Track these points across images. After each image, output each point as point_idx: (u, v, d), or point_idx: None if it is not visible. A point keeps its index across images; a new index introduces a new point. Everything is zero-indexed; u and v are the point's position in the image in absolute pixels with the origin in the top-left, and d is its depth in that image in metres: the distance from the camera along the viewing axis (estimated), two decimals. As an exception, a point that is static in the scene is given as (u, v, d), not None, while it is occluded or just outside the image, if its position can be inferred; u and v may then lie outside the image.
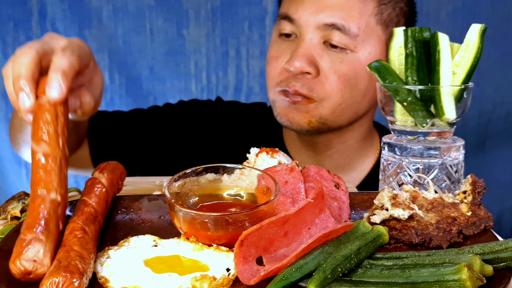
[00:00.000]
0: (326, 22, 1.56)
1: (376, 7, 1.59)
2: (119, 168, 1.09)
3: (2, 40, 2.70)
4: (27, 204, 1.17)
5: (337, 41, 1.56)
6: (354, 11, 1.56)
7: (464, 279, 0.73)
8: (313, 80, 1.59)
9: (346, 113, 1.65)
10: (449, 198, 0.99)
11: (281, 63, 1.65)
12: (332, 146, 1.77)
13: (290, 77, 1.61)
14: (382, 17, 1.61)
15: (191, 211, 0.89)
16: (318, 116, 1.63)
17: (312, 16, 1.57)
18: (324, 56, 1.58)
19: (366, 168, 1.84)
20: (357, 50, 1.58)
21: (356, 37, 1.56)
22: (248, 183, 1.02)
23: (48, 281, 0.74)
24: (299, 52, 1.57)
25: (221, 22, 2.74)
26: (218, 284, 0.80)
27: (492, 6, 2.68)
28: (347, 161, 1.82)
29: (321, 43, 1.58)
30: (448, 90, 1.10)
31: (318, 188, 0.92)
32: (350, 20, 1.55)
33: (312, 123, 1.64)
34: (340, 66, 1.58)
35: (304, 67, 1.56)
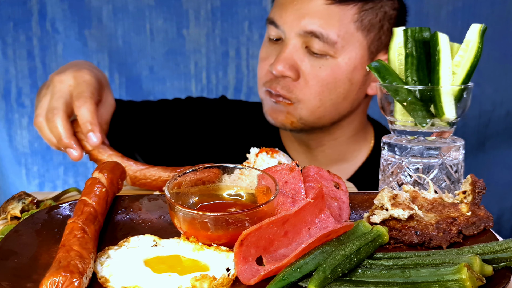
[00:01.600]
0: (306, 30, 1.62)
1: (356, 14, 1.63)
2: (119, 168, 1.09)
3: (2, 40, 2.70)
4: (27, 204, 1.17)
5: (317, 48, 1.62)
6: (334, 19, 1.61)
7: (464, 279, 0.73)
8: (293, 83, 1.67)
9: (326, 115, 1.72)
10: (449, 198, 0.99)
11: (267, 64, 1.73)
12: (323, 143, 1.84)
13: (273, 78, 1.70)
14: (362, 23, 1.64)
15: (191, 211, 0.89)
16: (298, 117, 1.71)
17: (294, 23, 1.63)
18: (305, 61, 1.65)
19: (359, 160, 1.88)
20: (337, 55, 1.63)
21: (335, 44, 1.61)
22: (248, 183, 1.02)
23: (48, 281, 0.74)
24: (282, 57, 1.65)
25: (221, 22, 2.74)
26: (218, 284, 0.80)
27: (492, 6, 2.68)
28: (340, 155, 1.88)
29: (303, 47, 1.65)
30: (448, 90, 1.10)
31: (318, 188, 0.92)
32: (329, 28, 1.60)
33: (294, 123, 1.73)
34: (320, 71, 1.64)
35: (284, 71, 1.64)
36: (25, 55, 2.72)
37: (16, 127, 2.84)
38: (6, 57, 2.73)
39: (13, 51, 2.73)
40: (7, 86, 2.78)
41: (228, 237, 0.88)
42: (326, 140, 1.83)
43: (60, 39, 2.68)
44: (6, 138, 2.84)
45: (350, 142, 1.86)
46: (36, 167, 2.84)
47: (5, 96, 2.78)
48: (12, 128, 2.84)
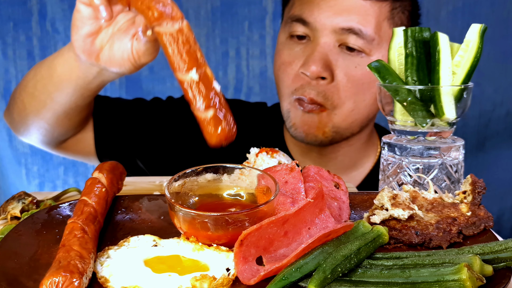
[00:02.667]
0: (343, 26, 1.55)
1: (389, 11, 1.60)
2: (119, 168, 1.09)
3: (2, 40, 2.70)
4: (27, 204, 1.17)
5: (353, 43, 1.55)
6: (370, 15, 1.56)
7: (464, 279, 0.73)
8: (328, 86, 1.57)
9: (358, 119, 1.65)
10: (449, 198, 0.99)
11: (295, 68, 1.62)
12: (338, 149, 1.76)
13: (305, 84, 1.59)
14: (394, 21, 1.61)
15: (191, 211, 0.89)
16: (331, 125, 1.62)
17: (328, 20, 1.55)
18: (340, 60, 1.57)
19: (367, 167, 1.84)
20: (372, 54, 1.57)
21: (372, 41, 1.56)
22: (248, 183, 1.02)
23: (48, 281, 0.74)
24: (315, 56, 1.55)
25: (221, 22, 2.74)
26: (218, 284, 0.80)
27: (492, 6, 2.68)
28: (351, 162, 1.81)
29: (336, 46, 1.57)
30: (448, 90, 1.10)
31: (318, 188, 0.92)
32: (367, 24, 1.55)
33: (326, 133, 1.63)
34: (355, 71, 1.57)
35: (320, 71, 1.54)
36: (25, 55, 2.72)
37: (16, 127, 2.84)
38: (6, 57, 2.73)
39: (13, 51, 2.73)
40: (7, 86, 2.78)
41: (228, 237, 0.88)
42: (342, 147, 1.75)
43: (60, 39, 2.68)
44: (6, 138, 2.84)
45: (362, 148, 1.81)
46: (36, 167, 2.84)
47: (5, 96, 2.78)
48: (12, 128, 2.84)
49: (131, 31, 1.20)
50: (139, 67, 1.25)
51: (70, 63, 1.36)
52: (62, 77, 1.40)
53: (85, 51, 1.24)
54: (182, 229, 0.92)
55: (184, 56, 0.96)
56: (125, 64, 1.23)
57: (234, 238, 0.83)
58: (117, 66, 1.24)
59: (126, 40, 1.21)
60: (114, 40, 1.22)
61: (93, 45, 1.23)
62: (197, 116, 0.94)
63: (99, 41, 1.24)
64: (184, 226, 0.91)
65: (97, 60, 1.25)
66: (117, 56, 1.22)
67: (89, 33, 1.22)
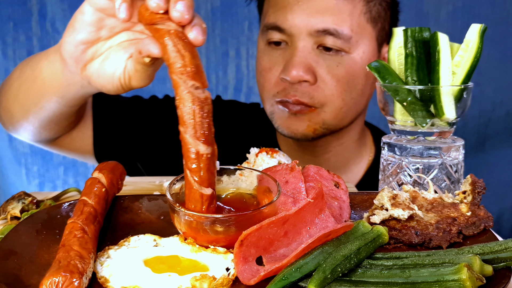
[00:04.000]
0: (319, 28, 1.54)
1: (364, 6, 1.58)
2: (119, 168, 1.09)
3: (2, 40, 2.70)
4: (27, 204, 1.17)
5: (331, 44, 1.54)
6: (345, 13, 1.55)
7: (464, 279, 0.73)
8: (312, 87, 1.56)
9: (348, 115, 1.64)
10: (449, 198, 0.99)
11: (275, 73, 1.61)
12: (330, 148, 1.76)
13: (288, 87, 1.59)
14: (371, 14, 1.60)
15: (192, 212, 0.89)
16: (322, 123, 1.61)
17: (303, 23, 1.55)
18: (320, 61, 1.56)
19: (362, 168, 1.83)
20: (351, 51, 1.56)
21: (350, 39, 1.55)
22: (249, 184, 1.02)
23: (48, 281, 0.74)
24: (295, 61, 1.55)
25: (221, 22, 2.74)
26: (218, 284, 0.80)
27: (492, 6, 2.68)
28: (344, 162, 1.81)
29: (315, 48, 1.57)
30: (448, 90, 1.10)
31: (318, 188, 0.92)
32: (342, 23, 1.54)
33: (317, 131, 1.62)
34: (337, 69, 1.57)
35: (302, 75, 1.54)
36: (25, 55, 2.71)
37: (16, 127, 2.84)
38: (6, 57, 2.73)
39: (13, 51, 2.73)
40: (7, 86, 2.77)
41: (229, 239, 0.88)
42: (333, 146, 1.75)
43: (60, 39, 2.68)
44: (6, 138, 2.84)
45: (354, 148, 1.80)
46: (36, 167, 2.84)
47: (5, 96, 2.77)
48: (12, 128, 2.84)
49: (130, 50, 1.10)
50: (127, 89, 1.14)
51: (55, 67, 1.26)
52: (46, 82, 1.31)
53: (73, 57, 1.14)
54: (183, 231, 0.92)
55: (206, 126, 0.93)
56: (114, 82, 1.13)
57: (235, 240, 0.83)
58: (104, 82, 1.13)
59: (122, 57, 1.10)
60: (109, 55, 1.12)
61: (84, 53, 1.13)
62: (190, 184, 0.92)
63: (91, 51, 1.13)
64: (185, 228, 0.91)
65: (83, 70, 1.15)
66: (107, 72, 1.12)
67: (85, 40, 1.11)
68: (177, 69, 0.91)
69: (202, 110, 0.91)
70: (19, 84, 1.43)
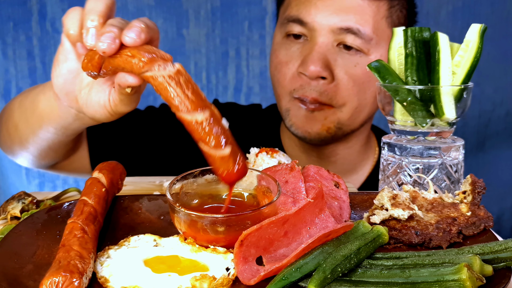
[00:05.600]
0: (341, 26, 1.53)
1: (387, 10, 1.59)
2: (119, 168, 1.09)
3: (2, 40, 2.70)
4: (27, 204, 1.17)
5: (351, 42, 1.54)
6: (368, 14, 1.55)
7: (464, 279, 0.73)
8: (329, 86, 1.56)
9: (361, 116, 1.64)
10: (449, 198, 0.99)
11: (292, 68, 1.60)
12: (337, 152, 1.75)
13: (305, 84, 1.57)
14: (392, 19, 1.60)
15: (192, 212, 0.89)
16: (336, 122, 1.61)
17: (326, 20, 1.54)
18: (338, 60, 1.56)
19: (366, 170, 1.83)
20: (370, 53, 1.56)
21: (370, 41, 1.55)
22: (249, 184, 1.02)
23: (48, 280, 0.74)
24: (314, 56, 1.53)
25: (221, 22, 2.74)
26: (218, 284, 0.80)
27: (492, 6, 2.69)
28: (350, 166, 1.80)
29: (334, 46, 1.56)
30: (448, 90, 1.10)
31: (318, 188, 0.92)
32: (365, 23, 1.54)
33: (330, 129, 1.61)
34: (355, 70, 1.56)
35: (320, 71, 1.53)
36: (25, 55, 2.72)
37: (16, 127, 2.84)
38: (6, 57, 2.73)
39: (13, 51, 2.73)
40: (7, 86, 2.78)
41: (229, 239, 0.88)
42: (341, 149, 1.74)
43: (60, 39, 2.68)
44: (6, 138, 2.83)
45: (360, 151, 1.80)
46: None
47: (5, 96, 2.78)
48: (12, 128, 2.84)
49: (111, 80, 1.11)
50: (117, 115, 1.16)
51: (51, 102, 1.28)
52: (44, 115, 1.33)
53: (63, 90, 1.17)
54: (183, 231, 0.92)
55: (191, 96, 0.90)
56: (101, 110, 1.15)
57: (235, 240, 0.83)
58: (93, 111, 1.16)
59: (105, 86, 1.12)
60: (93, 85, 1.15)
61: (73, 84, 1.16)
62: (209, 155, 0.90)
63: (78, 81, 1.16)
64: (185, 228, 0.91)
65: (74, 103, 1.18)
66: (93, 101, 1.14)
67: (70, 68, 1.14)
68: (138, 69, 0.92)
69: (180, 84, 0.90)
70: (19, 113, 1.45)
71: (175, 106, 0.90)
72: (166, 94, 0.90)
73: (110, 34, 0.94)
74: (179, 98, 0.89)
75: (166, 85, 0.90)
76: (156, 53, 0.92)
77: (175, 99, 0.90)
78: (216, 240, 0.89)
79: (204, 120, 0.89)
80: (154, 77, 0.91)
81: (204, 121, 0.89)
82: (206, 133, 0.89)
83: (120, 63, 0.95)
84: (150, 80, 0.92)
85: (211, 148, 0.89)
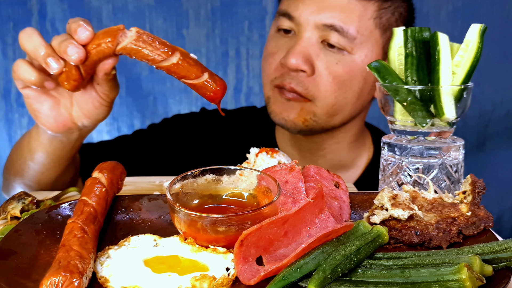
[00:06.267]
0: (326, 23, 1.56)
1: (376, 11, 1.60)
2: (119, 168, 1.09)
3: (2, 40, 2.70)
4: (27, 204, 1.17)
5: (335, 41, 1.56)
6: (354, 13, 1.57)
7: (464, 279, 0.73)
8: (308, 78, 1.59)
9: (339, 114, 1.66)
10: (449, 198, 0.99)
11: (277, 59, 1.65)
12: (325, 146, 1.78)
13: (285, 73, 1.62)
14: (381, 21, 1.61)
15: (192, 212, 0.89)
16: (312, 114, 1.64)
17: (312, 15, 1.57)
18: (321, 55, 1.59)
19: (360, 167, 1.85)
20: (354, 52, 1.58)
21: (354, 40, 1.57)
22: (249, 184, 1.02)
23: (48, 280, 0.74)
24: (296, 49, 1.58)
25: (221, 22, 2.74)
26: (218, 284, 0.80)
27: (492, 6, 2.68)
28: (341, 161, 1.83)
29: (319, 42, 1.59)
30: (448, 90, 1.10)
31: (318, 188, 0.92)
32: (350, 22, 1.56)
33: (306, 121, 1.65)
34: (336, 67, 1.59)
35: (300, 64, 1.57)
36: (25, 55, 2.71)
37: (16, 127, 2.84)
38: (6, 57, 2.74)
39: (13, 51, 2.73)
40: (7, 86, 2.78)
41: (229, 239, 0.88)
42: (328, 144, 1.77)
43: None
44: (6, 138, 2.84)
45: (351, 148, 1.82)
46: (36, 167, 2.84)
47: (5, 96, 2.78)
48: (12, 128, 2.85)
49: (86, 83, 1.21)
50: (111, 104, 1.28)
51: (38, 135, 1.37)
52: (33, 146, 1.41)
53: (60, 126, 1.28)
54: (183, 231, 0.92)
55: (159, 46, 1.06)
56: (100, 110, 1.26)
57: (235, 240, 0.83)
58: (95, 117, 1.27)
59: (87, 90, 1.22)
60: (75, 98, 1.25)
61: (62, 115, 1.26)
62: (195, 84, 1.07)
63: (63, 109, 1.26)
64: (185, 228, 0.91)
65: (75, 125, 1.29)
66: (88, 108, 1.25)
67: (51, 106, 1.25)
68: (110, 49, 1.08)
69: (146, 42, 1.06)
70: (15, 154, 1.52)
71: (152, 60, 1.06)
72: (141, 54, 1.06)
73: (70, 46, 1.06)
74: (153, 52, 1.06)
75: (137, 47, 1.06)
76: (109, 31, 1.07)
77: (150, 54, 1.06)
78: (216, 240, 0.89)
79: (179, 60, 1.06)
80: (125, 47, 1.06)
81: (180, 60, 1.06)
82: (184, 69, 1.06)
83: (94, 57, 1.08)
84: (123, 51, 1.07)
85: (193, 79, 1.07)
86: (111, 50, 1.07)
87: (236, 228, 0.87)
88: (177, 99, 2.87)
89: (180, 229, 0.92)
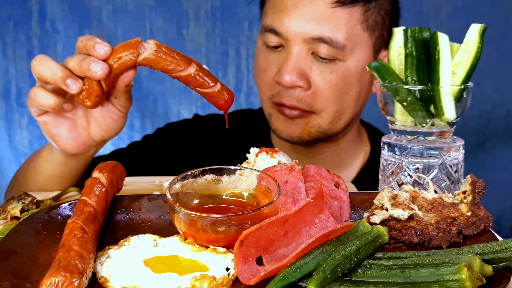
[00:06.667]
0: (313, 35, 1.54)
1: (362, 15, 1.58)
2: (119, 168, 1.09)
3: (2, 40, 2.70)
4: (27, 204, 1.17)
5: (325, 53, 1.55)
6: (341, 22, 1.55)
7: (464, 279, 0.73)
8: (307, 93, 1.58)
9: (342, 120, 1.66)
10: (449, 198, 0.99)
11: (270, 76, 1.63)
12: (325, 150, 1.78)
13: (282, 90, 1.60)
14: (368, 23, 1.60)
15: (192, 212, 0.89)
16: (317, 126, 1.63)
17: (298, 29, 1.55)
18: (314, 67, 1.57)
19: (357, 166, 1.85)
20: (346, 59, 1.57)
21: (344, 48, 1.55)
22: (248, 184, 1.02)
23: (48, 280, 0.74)
24: (288, 66, 1.55)
25: (221, 22, 2.74)
26: (218, 284, 0.80)
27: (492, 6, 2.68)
28: (339, 162, 1.82)
29: (309, 54, 1.57)
30: (448, 90, 1.10)
31: (317, 188, 0.92)
32: (337, 31, 1.54)
33: (311, 133, 1.65)
34: (331, 76, 1.57)
35: (295, 81, 1.55)
36: (25, 55, 2.72)
37: (16, 127, 2.84)
38: (6, 57, 2.74)
39: (13, 51, 2.73)
40: (7, 86, 2.78)
41: (229, 239, 0.88)
42: (329, 147, 1.77)
43: (60, 39, 2.68)
44: (6, 138, 2.84)
45: (349, 147, 1.82)
46: (36, 167, 2.84)
47: (5, 96, 2.78)
48: (12, 128, 2.85)
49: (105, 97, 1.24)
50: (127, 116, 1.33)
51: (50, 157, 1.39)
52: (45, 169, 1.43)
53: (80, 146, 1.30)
54: (183, 231, 0.92)
55: (178, 57, 1.13)
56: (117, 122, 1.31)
57: (235, 240, 0.83)
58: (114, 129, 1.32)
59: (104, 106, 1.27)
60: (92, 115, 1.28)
61: (81, 135, 1.30)
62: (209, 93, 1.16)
63: (80, 127, 1.29)
64: (185, 228, 0.91)
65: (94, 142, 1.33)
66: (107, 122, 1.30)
67: (69, 128, 1.27)
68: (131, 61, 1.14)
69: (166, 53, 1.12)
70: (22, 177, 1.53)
71: (172, 70, 1.12)
72: (162, 65, 1.12)
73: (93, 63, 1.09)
74: (172, 63, 1.12)
75: (157, 58, 1.12)
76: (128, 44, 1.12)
77: (170, 65, 1.12)
78: (216, 240, 0.89)
79: (195, 71, 1.14)
80: (146, 58, 1.12)
81: (196, 71, 1.14)
82: (200, 79, 1.14)
83: (117, 70, 1.14)
84: (144, 63, 1.13)
85: (208, 88, 1.15)
86: (132, 62, 1.13)
87: (236, 228, 0.87)
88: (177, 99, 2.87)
89: (180, 229, 0.93)
